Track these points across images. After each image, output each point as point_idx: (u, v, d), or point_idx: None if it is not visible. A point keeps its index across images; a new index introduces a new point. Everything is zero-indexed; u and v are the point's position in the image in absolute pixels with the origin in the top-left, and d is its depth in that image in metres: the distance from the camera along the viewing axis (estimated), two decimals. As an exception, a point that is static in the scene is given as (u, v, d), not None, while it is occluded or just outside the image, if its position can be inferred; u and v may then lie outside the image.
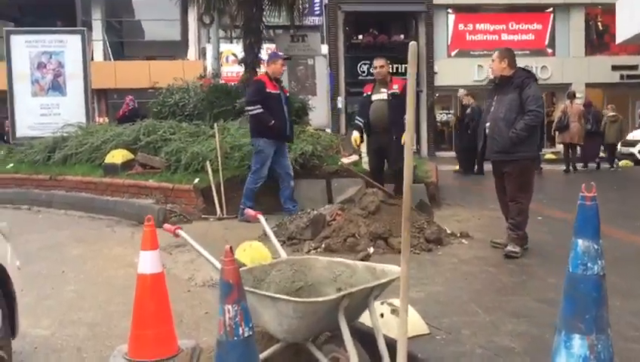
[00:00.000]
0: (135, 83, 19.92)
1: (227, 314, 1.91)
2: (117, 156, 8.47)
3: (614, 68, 23.89)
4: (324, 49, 18.24)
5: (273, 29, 15.00)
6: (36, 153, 9.96)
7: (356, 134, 7.02)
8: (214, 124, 7.99)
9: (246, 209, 3.69)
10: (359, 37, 22.32)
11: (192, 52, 24.02)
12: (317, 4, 22.92)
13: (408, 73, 2.34)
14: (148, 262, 2.89)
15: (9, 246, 2.78)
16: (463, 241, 5.60)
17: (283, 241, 5.23)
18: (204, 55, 23.18)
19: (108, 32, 24.10)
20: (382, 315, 2.94)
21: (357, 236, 5.20)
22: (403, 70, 21.69)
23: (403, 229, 2.52)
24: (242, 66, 10.40)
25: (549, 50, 24.34)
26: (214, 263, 2.65)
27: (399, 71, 21.30)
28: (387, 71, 7.09)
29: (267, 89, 6.88)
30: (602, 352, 2.07)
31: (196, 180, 7.48)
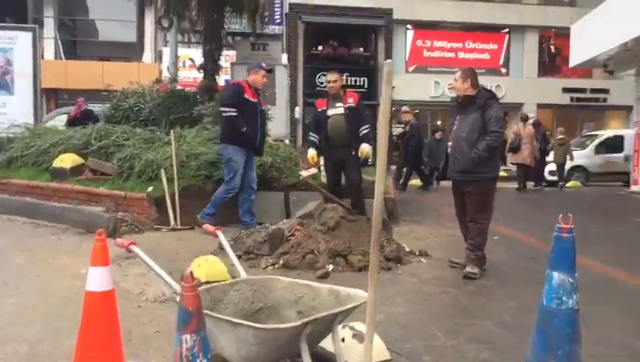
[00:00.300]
0: (87, 84, 19.48)
1: (184, 345, 1.78)
2: (66, 160, 8.09)
3: (565, 90, 24.74)
4: (284, 58, 18.18)
5: (233, 36, 14.85)
6: (-22, 154, 9.44)
7: (313, 152, 6.91)
8: (170, 131, 7.72)
9: (205, 224, 3.53)
10: (319, 48, 22.32)
11: (148, 55, 23.62)
12: (277, 12, 22.87)
13: (383, 94, 2.26)
14: (97, 279, 2.69)
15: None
16: (422, 260, 5.56)
17: (239, 256, 5.08)
18: (160, 58, 22.80)
19: (60, 30, 23.44)
20: (343, 339, 2.85)
21: (316, 252, 5.09)
22: (361, 83, 21.92)
23: (372, 253, 2.43)
24: (201, 72, 10.19)
25: (503, 69, 24.99)
26: (173, 285, 2.50)
27: (357, 84, 21.50)
28: (340, 85, 7.06)
29: (245, 95, 6.73)
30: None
31: (150, 188, 7.21)
